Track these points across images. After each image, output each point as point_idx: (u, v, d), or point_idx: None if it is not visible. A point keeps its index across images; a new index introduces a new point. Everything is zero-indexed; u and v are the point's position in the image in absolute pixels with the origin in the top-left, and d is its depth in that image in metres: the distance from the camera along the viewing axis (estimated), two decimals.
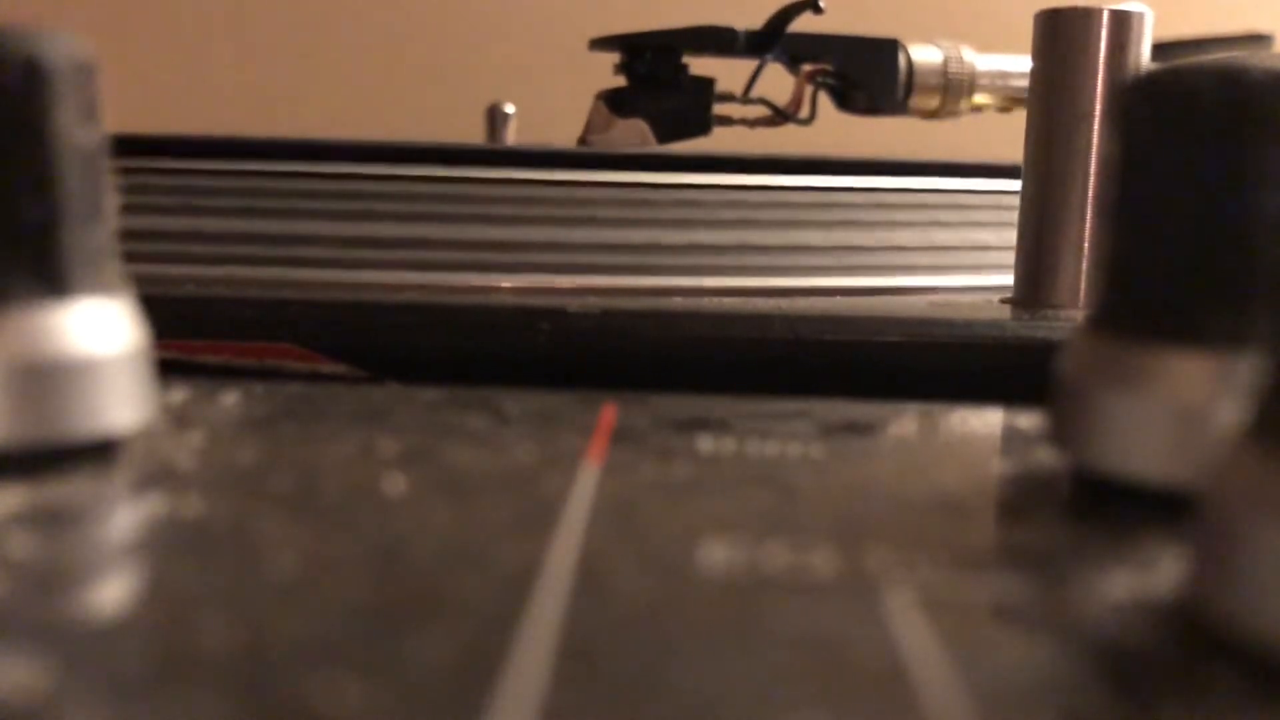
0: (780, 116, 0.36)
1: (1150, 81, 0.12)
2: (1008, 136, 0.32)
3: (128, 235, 0.13)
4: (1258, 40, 0.39)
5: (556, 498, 0.12)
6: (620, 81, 0.36)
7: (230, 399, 0.16)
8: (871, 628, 0.09)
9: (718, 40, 0.35)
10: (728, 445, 0.14)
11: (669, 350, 0.22)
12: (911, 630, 0.09)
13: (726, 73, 0.36)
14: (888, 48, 0.36)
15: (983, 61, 0.37)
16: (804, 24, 0.35)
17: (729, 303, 0.24)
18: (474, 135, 0.50)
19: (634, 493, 0.12)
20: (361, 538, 0.10)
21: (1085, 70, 0.24)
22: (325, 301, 0.23)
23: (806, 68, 0.35)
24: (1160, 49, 0.26)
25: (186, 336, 0.21)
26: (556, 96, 0.42)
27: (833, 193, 0.30)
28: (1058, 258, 0.25)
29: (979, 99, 0.36)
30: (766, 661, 0.08)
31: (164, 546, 0.10)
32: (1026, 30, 0.26)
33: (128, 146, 0.14)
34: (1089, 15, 0.24)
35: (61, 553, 0.10)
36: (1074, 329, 0.13)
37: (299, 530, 0.11)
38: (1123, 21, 0.24)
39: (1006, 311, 0.25)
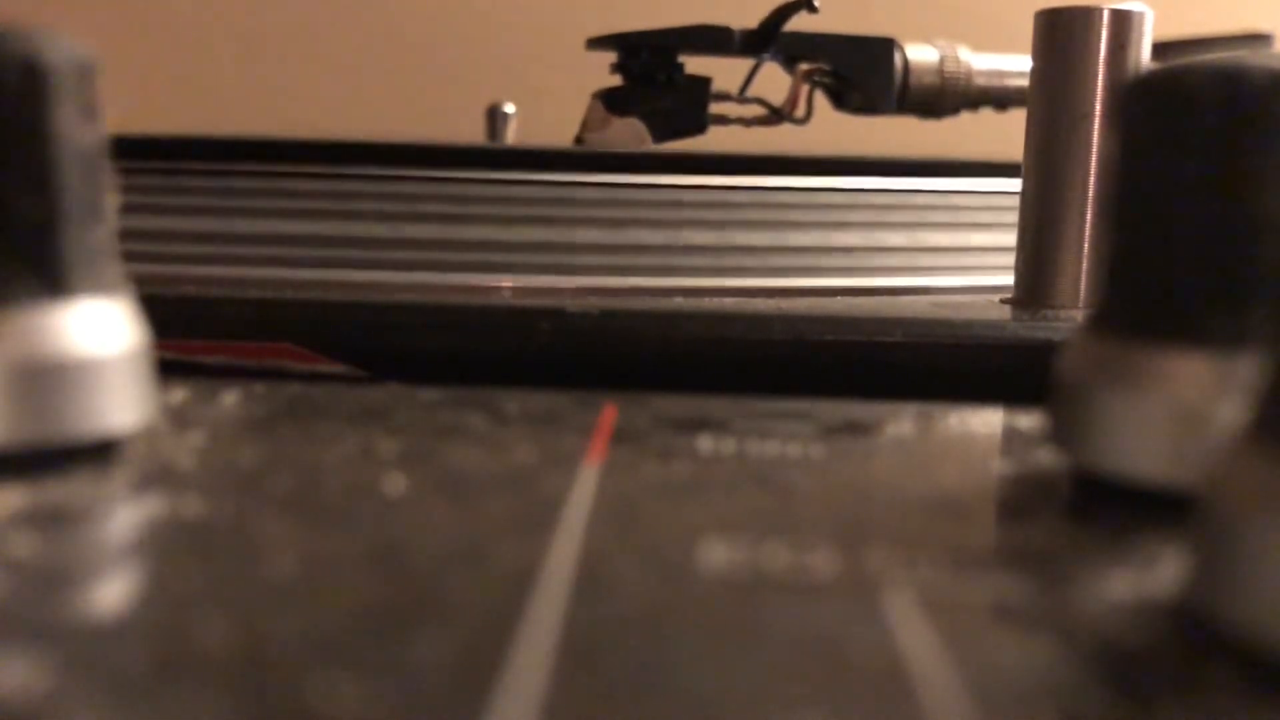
0: (776, 116, 0.36)
1: (1150, 81, 0.12)
2: (1008, 136, 0.32)
3: (128, 235, 0.13)
4: (1258, 40, 0.39)
5: (556, 498, 0.12)
6: (617, 81, 0.36)
7: (230, 399, 0.16)
8: (871, 628, 0.09)
9: (714, 40, 0.35)
10: (728, 445, 0.14)
11: (669, 350, 0.22)
12: (911, 630, 0.09)
13: (722, 72, 0.36)
14: (883, 47, 0.36)
15: (979, 61, 0.37)
16: (800, 23, 0.35)
17: (729, 303, 0.24)
18: (474, 135, 0.50)
19: (634, 493, 0.12)
20: (361, 538, 0.10)
21: (1085, 70, 0.24)
22: (325, 301, 0.23)
23: (803, 67, 0.35)
24: (1160, 49, 0.26)
25: (186, 336, 0.21)
26: (556, 96, 0.42)
27: (833, 193, 0.30)
28: (1058, 258, 0.25)
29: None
30: (766, 661, 0.08)
31: (164, 546, 0.10)
32: (1025, 30, 0.26)
33: (128, 146, 0.14)
34: (1089, 15, 0.24)
35: (61, 553, 0.10)
36: (1074, 329, 0.13)
37: (299, 530, 0.11)
38: (1123, 21, 0.24)
39: (1006, 311, 0.25)
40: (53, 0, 0.43)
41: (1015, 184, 0.26)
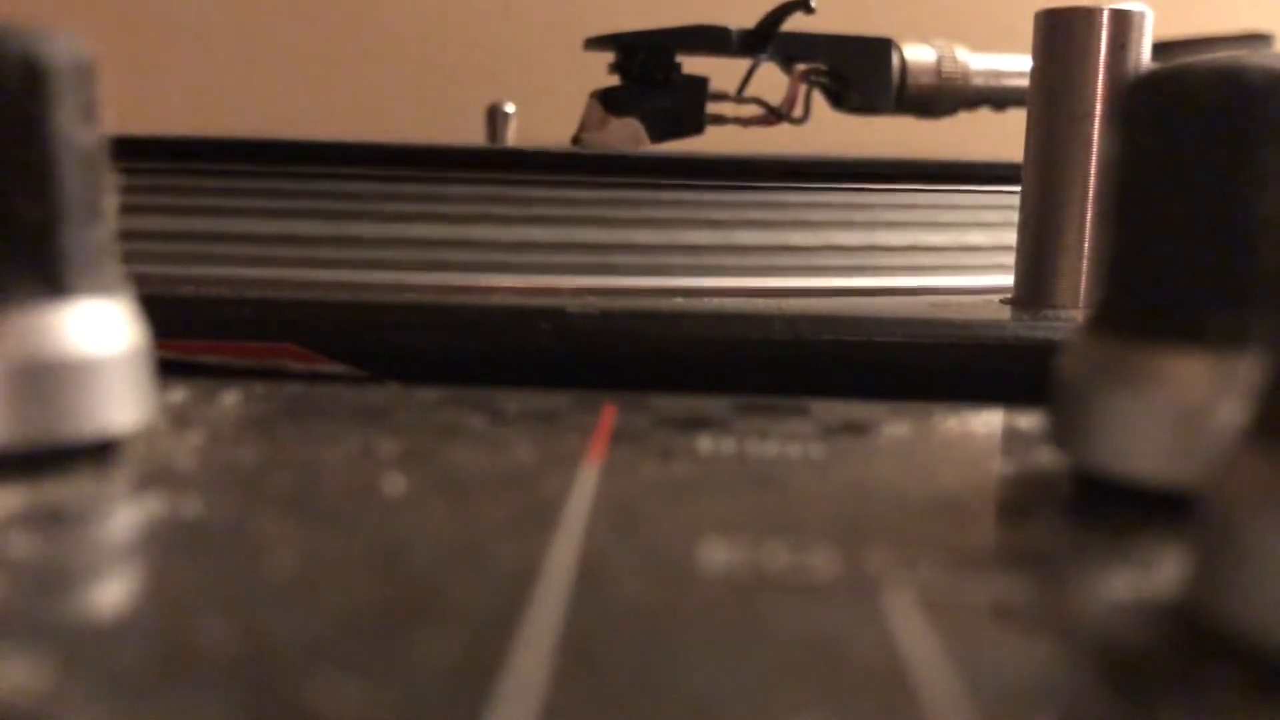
0: (774, 116, 0.36)
1: (1150, 81, 0.12)
2: (1007, 137, 0.32)
3: (128, 235, 0.13)
4: (1258, 40, 0.39)
5: (556, 498, 0.12)
6: (615, 81, 0.36)
7: (230, 399, 0.16)
8: (871, 628, 0.09)
9: (711, 40, 0.35)
10: (728, 445, 0.14)
11: (669, 350, 0.22)
12: (911, 630, 0.09)
13: (720, 72, 0.36)
14: (881, 47, 0.36)
15: (976, 61, 0.37)
16: (797, 23, 0.35)
17: (729, 303, 0.24)
18: (474, 135, 0.50)
19: (634, 493, 0.12)
20: (361, 538, 0.10)
21: (1085, 70, 0.24)
22: (325, 301, 0.23)
23: (800, 67, 0.35)
24: (1160, 49, 0.26)
25: (186, 336, 0.21)
26: (557, 96, 0.42)
27: (832, 193, 0.30)
28: (1058, 258, 0.25)
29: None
30: (766, 661, 0.08)
31: (164, 546, 0.10)
32: (1024, 30, 0.26)
33: (128, 146, 0.14)
34: (1089, 15, 0.24)
35: (61, 553, 0.10)
36: (1074, 329, 0.13)
37: (299, 530, 0.11)
38: (1123, 21, 0.24)
39: (1006, 311, 0.25)
40: (53, 0, 0.43)
41: (1015, 184, 0.26)
